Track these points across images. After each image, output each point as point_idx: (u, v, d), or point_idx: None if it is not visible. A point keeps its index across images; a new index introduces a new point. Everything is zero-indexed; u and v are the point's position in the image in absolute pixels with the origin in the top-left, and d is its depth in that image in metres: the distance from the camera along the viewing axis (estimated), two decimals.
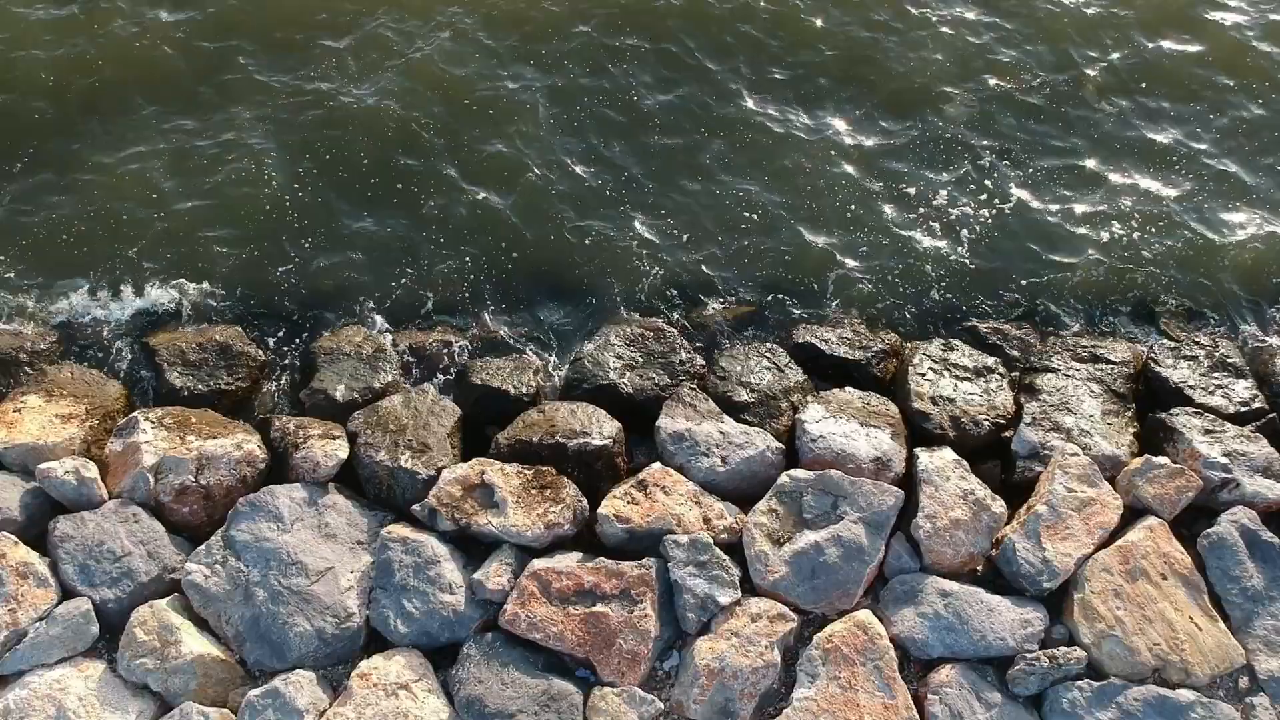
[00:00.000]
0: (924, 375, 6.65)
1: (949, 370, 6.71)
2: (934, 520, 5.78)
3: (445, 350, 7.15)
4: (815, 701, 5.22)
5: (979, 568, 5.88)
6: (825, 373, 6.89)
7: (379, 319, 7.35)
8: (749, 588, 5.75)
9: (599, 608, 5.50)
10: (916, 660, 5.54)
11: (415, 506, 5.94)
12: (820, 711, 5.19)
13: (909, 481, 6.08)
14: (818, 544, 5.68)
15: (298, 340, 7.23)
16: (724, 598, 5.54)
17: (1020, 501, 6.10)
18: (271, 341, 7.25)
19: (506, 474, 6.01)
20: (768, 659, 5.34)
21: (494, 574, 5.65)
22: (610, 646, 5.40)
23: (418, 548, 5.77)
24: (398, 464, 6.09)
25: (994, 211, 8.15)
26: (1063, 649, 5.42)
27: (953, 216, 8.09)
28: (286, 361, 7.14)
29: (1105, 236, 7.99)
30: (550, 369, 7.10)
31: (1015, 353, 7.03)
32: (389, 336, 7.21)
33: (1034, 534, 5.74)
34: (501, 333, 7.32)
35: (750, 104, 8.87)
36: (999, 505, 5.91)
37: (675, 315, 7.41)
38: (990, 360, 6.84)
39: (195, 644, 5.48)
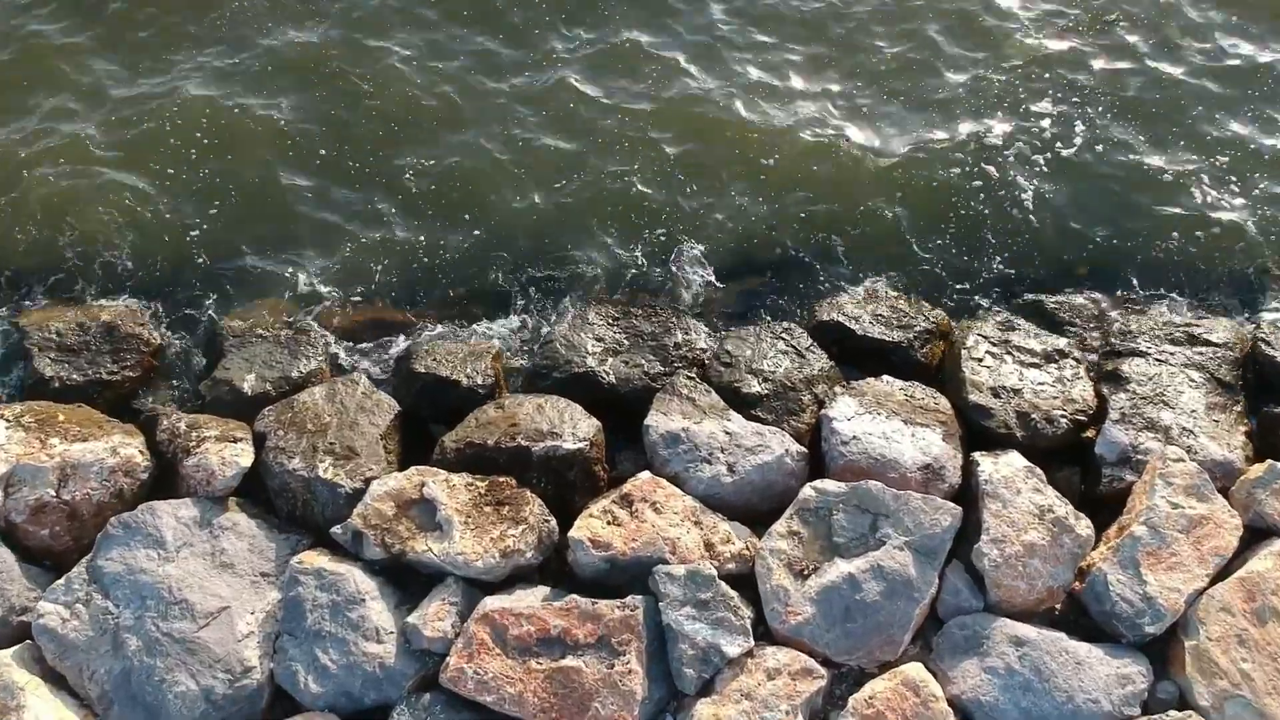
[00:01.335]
0: (981, 361, 5.59)
1: (1012, 354, 5.64)
2: (1002, 545, 4.72)
3: (384, 334, 6.10)
4: None
5: (1057, 606, 4.82)
6: (856, 359, 5.85)
7: (305, 296, 6.28)
8: (764, 633, 4.69)
9: (569, 661, 4.44)
10: None
11: (336, 529, 4.88)
12: None
13: (966, 496, 5.02)
14: (853, 577, 4.62)
15: (205, 321, 6.17)
16: (732, 648, 4.49)
17: (1108, 521, 5.04)
18: (172, 322, 6.19)
19: (453, 487, 4.95)
20: None
21: (434, 616, 4.59)
22: (584, 712, 4.35)
23: (337, 582, 4.71)
24: (315, 474, 5.04)
25: (1062, 163, 7.09)
26: (1173, 714, 4.37)
27: (1012, 169, 7.02)
28: (188, 346, 6.09)
29: (1199, 195, 6.92)
30: (513, 354, 6.03)
31: (1091, 333, 5.96)
32: (315, 317, 6.13)
33: (1131, 563, 4.69)
34: (455, 313, 6.25)
35: (772, 38, 7.80)
36: (1084, 526, 4.86)
37: (670, 288, 6.34)
38: (1062, 342, 5.78)
39: (45, 709, 4.45)
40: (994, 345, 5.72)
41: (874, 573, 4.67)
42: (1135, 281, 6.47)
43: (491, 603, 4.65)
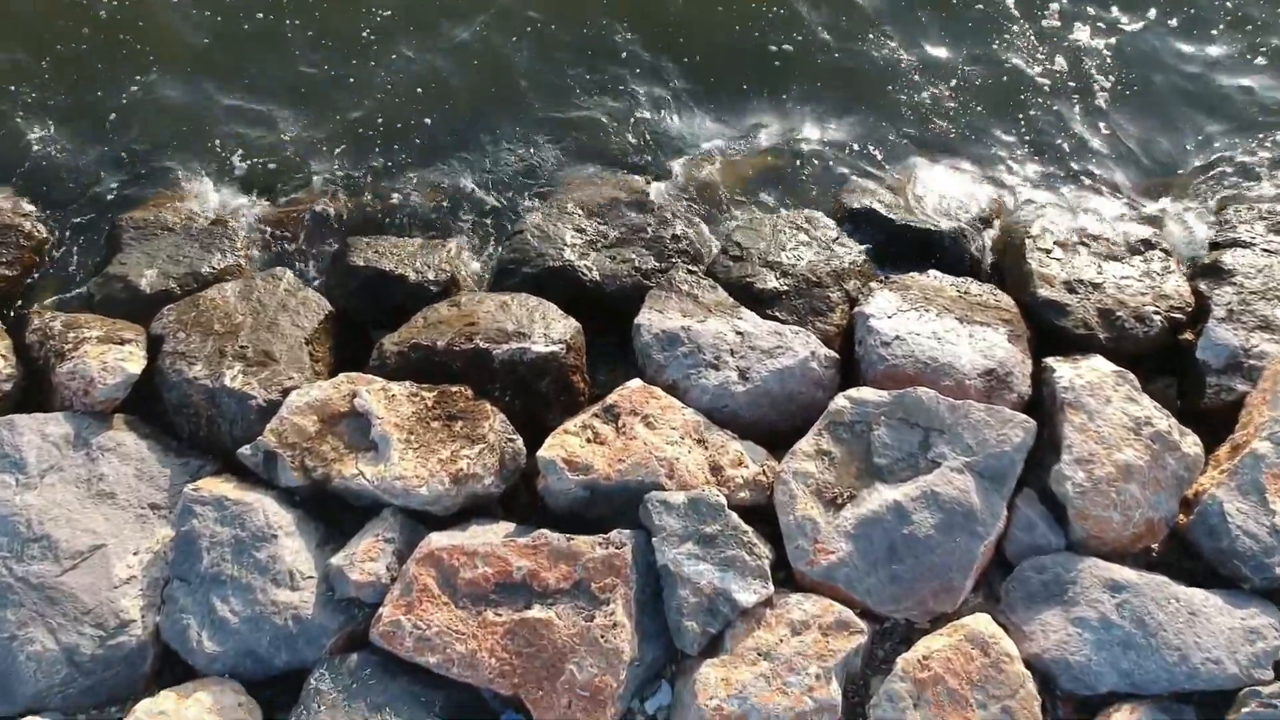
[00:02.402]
0: (1049, 253, 4.64)
1: (1086, 245, 4.70)
2: (1089, 466, 3.79)
3: (319, 226, 5.12)
4: None
5: (1154, 546, 3.90)
6: (894, 252, 4.90)
7: (225, 187, 5.32)
8: (785, 579, 3.77)
9: (537, 612, 3.52)
10: (1069, 697, 3.56)
11: (244, 449, 3.94)
12: None
13: (1037, 411, 4.09)
14: (899, 506, 3.69)
15: (107, 214, 5.20)
16: (746, 594, 3.56)
17: (1216, 440, 4.11)
18: (63, 215, 5.22)
19: (392, 397, 4.00)
20: (820, 697, 3.37)
21: (364, 556, 3.66)
22: (555, 676, 3.43)
23: (242, 514, 3.78)
24: (221, 383, 4.10)
25: (1134, 21, 6.09)
26: None
27: (1075, 31, 6.03)
28: (82, 241, 5.11)
29: None
30: (475, 254, 5.08)
31: (1179, 224, 5.01)
32: (235, 209, 5.17)
33: (1253, 488, 3.77)
34: (407, 202, 5.28)
35: None
36: (1192, 443, 3.93)
37: (666, 169, 5.38)
38: (1146, 231, 4.83)
39: None
40: (1065, 235, 4.77)
41: (926, 501, 3.74)
42: (1225, 160, 5.51)
43: (438, 539, 3.72)
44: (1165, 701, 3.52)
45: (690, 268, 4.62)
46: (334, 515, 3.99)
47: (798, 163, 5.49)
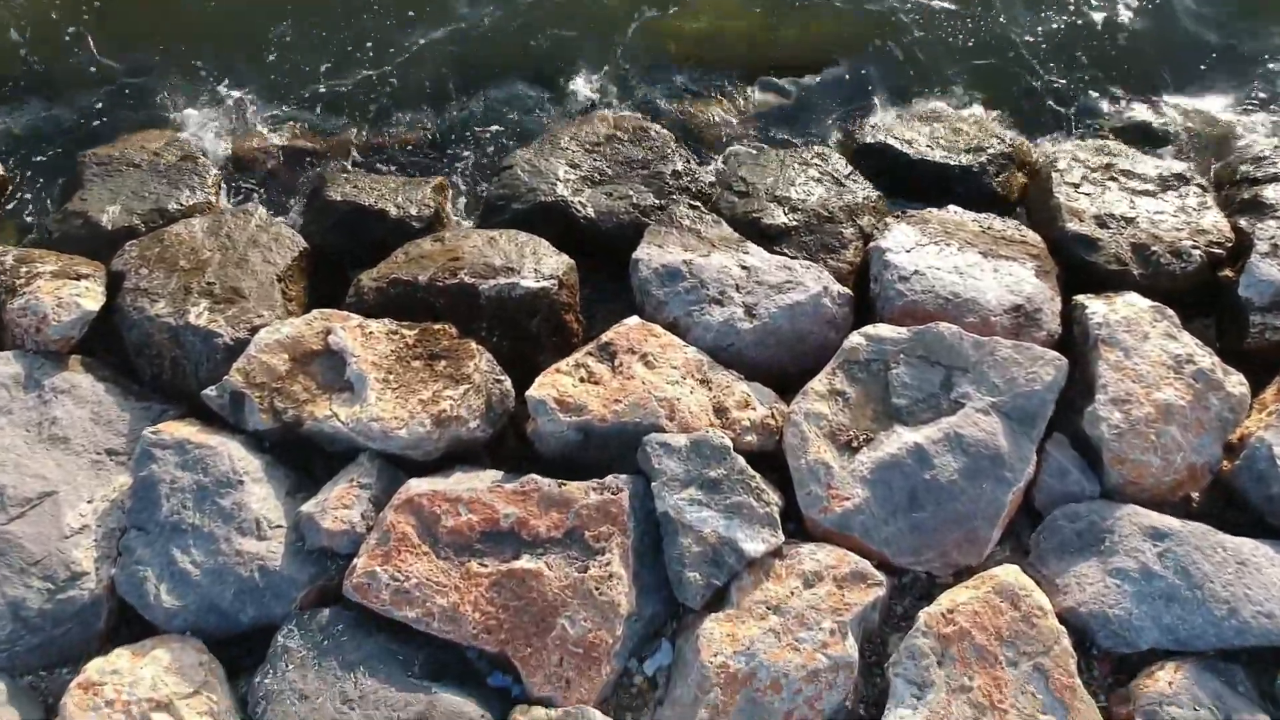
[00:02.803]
0: (1078, 186, 4.33)
1: (1117, 179, 4.39)
2: (1126, 407, 3.49)
3: (296, 165, 4.81)
4: None
5: (1195, 495, 3.60)
6: (910, 189, 4.59)
7: (196, 118, 5.00)
8: (795, 531, 3.47)
9: (526, 562, 3.23)
10: (1107, 654, 3.27)
11: (209, 390, 3.63)
12: None
13: (1069, 350, 3.78)
14: (920, 449, 3.39)
15: (72, 151, 4.89)
16: (754, 544, 3.27)
17: (1262, 381, 3.81)
18: (28, 153, 4.90)
19: (369, 335, 3.70)
20: (835, 653, 3.08)
21: (337, 503, 3.37)
22: (545, 632, 3.14)
23: (205, 458, 3.48)
24: (185, 320, 3.79)
25: None
26: None
27: None
28: (42, 181, 4.80)
29: None
30: (462, 190, 4.77)
31: (1215, 159, 4.70)
32: (207, 144, 4.86)
33: None
34: (390, 141, 4.96)
35: None
36: (1236, 382, 3.64)
37: (668, 107, 5.06)
38: (1180, 166, 4.52)
39: None
40: (1093, 170, 4.46)
41: (949, 444, 3.44)
42: (1263, 97, 5.19)
43: (418, 485, 3.42)
44: (1211, 659, 3.23)
45: (692, 202, 4.31)
46: (306, 462, 3.70)
47: (806, 103, 5.17)
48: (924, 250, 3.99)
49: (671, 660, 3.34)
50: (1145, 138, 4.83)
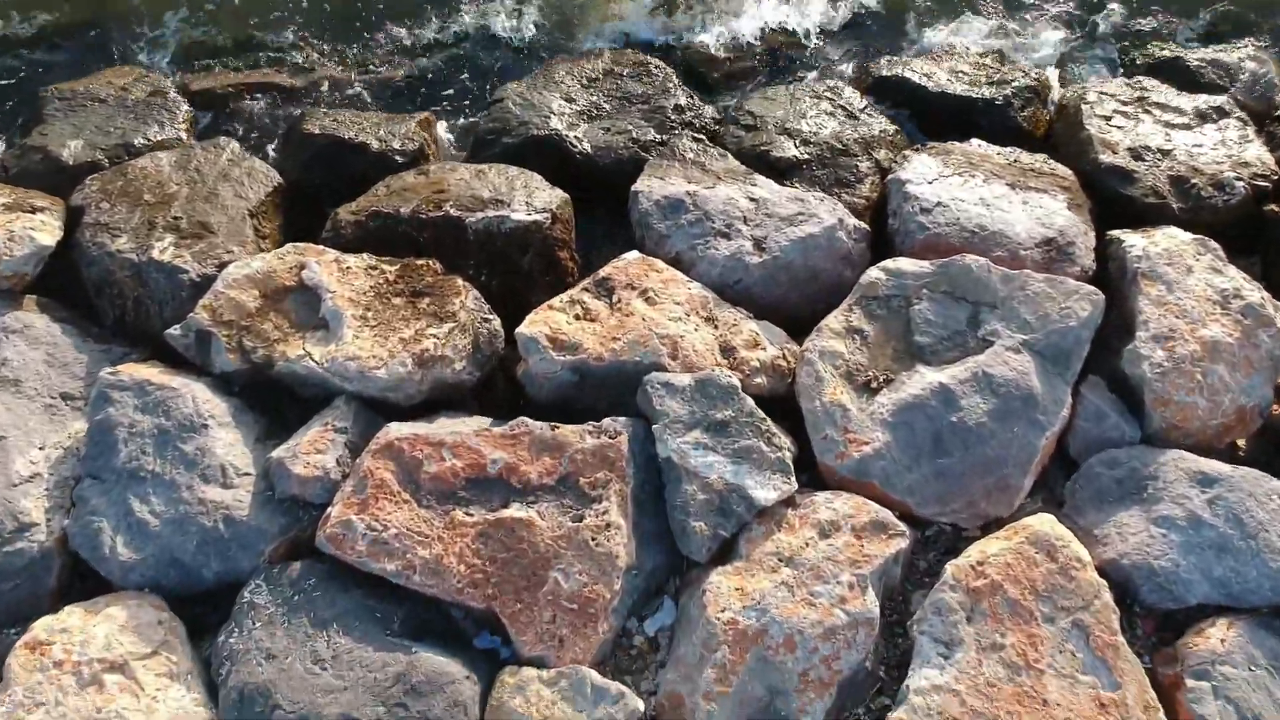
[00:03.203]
0: (1109, 119, 4.03)
1: (1150, 113, 4.09)
2: (1170, 344, 3.20)
3: (273, 101, 4.51)
4: (955, 693, 2.67)
5: (1243, 439, 3.31)
6: (930, 125, 4.28)
7: (167, 55, 4.69)
8: (809, 481, 3.18)
9: (515, 511, 2.94)
10: (1151, 611, 2.98)
11: (173, 329, 3.34)
12: (967, 715, 2.64)
13: (1104, 288, 3.48)
14: (946, 390, 3.10)
15: (34, 90, 4.59)
16: (765, 490, 2.98)
17: None
18: None
19: (346, 270, 3.41)
20: (854, 609, 2.80)
21: (310, 448, 3.08)
22: (536, 586, 2.86)
23: (167, 400, 3.19)
24: (149, 256, 3.49)
25: None
26: None
27: None
28: (5, 118, 4.49)
29: None
30: (451, 128, 4.47)
31: (1254, 99, 4.40)
32: (179, 79, 4.55)
33: None
34: (375, 77, 4.66)
35: None
36: None
37: (670, 43, 4.76)
38: (1219, 99, 4.21)
39: None
40: (1125, 103, 4.16)
41: (977, 384, 3.14)
42: None
43: (399, 429, 3.12)
44: (1266, 616, 2.94)
45: (697, 135, 4.01)
46: (278, 407, 3.41)
47: (818, 37, 4.86)
48: (947, 181, 3.69)
49: (675, 619, 3.06)
50: (1179, 76, 4.49)
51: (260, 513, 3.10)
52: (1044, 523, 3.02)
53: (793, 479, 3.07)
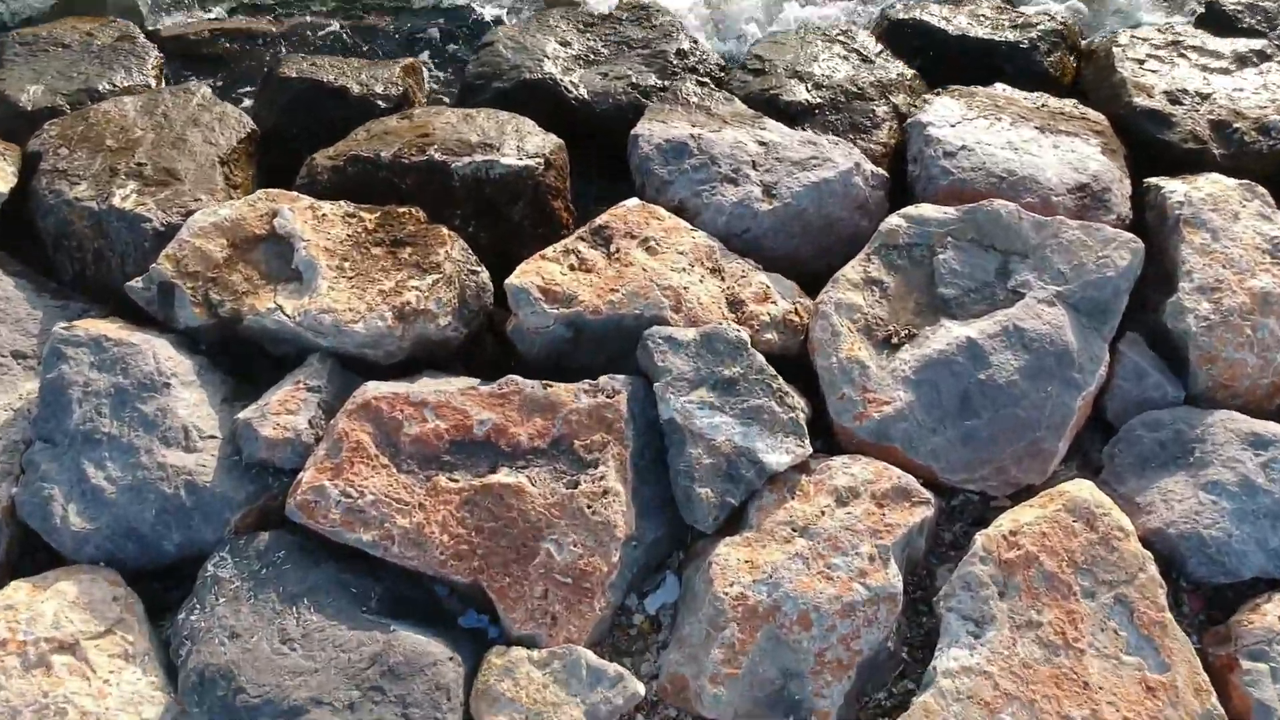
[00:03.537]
0: (1143, 63, 3.75)
1: (1185, 56, 3.82)
2: (1215, 296, 2.93)
3: (250, 48, 4.22)
4: (986, 675, 2.41)
5: None
6: (949, 70, 4.00)
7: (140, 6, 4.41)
8: (823, 447, 2.91)
9: (504, 476, 2.68)
10: (1199, 585, 2.72)
11: (134, 282, 3.06)
12: (1000, 699, 2.38)
13: (1143, 234, 3.20)
14: (974, 345, 2.83)
15: None
16: (777, 454, 2.71)
17: None
18: None
19: (322, 217, 3.13)
20: (876, 583, 2.54)
21: (280, 408, 2.81)
22: (527, 558, 2.59)
23: (125, 357, 2.92)
24: (109, 204, 3.21)
25: None
26: None
27: None
28: None
29: None
30: (438, 76, 4.18)
31: None
32: (149, 24, 4.27)
33: None
34: (358, 24, 4.37)
35: None
36: None
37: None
38: (1258, 43, 3.93)
39: None
40: (1159, 47, 3.88)
41: (1008, 339, 2.87)
42: None
43: (377, 388, 2.85)
44: None
45: (701, 79, 3.73)
46: (248, 366, 3.14)
47: None
48: (972, 124, 3.41)
49: (678, 596, 2.80)
50: (1216, 23, 4.20)
51: (226, 479, 2.84)
52: (1082, 489, 2.76)
53: (807, 442, 2.81)
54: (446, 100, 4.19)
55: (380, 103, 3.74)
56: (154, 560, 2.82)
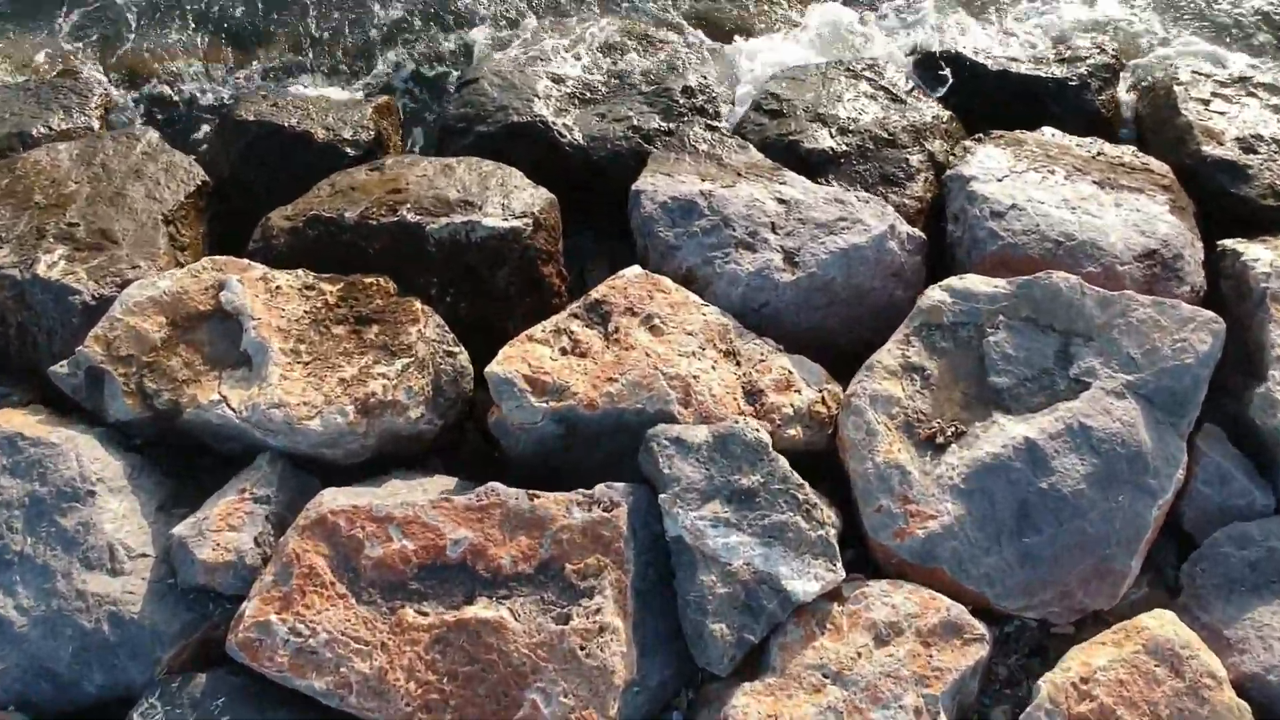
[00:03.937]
0: (1208, 103, 3.34)
1: (1256, 95, 3.40)
2: None
3: (206, 85, 3.81)
4: None
5: None
6: (989, 109, 3.58)
7: (81, 27, 3.99)
8: (857, 557, 2.50)
9: (481, 609, 2.27)
10: None
11: (58, 366, 2.65)
12: None
13: (1218, 308, 2.79)
14: (1032, 447, 2.42)
15: None
16: (804, 581, 2.31)
17: None
18: None
19: (276, 291, 2.72)
20: None
21: (221, 523, 2.39)
22: (510, 710, 2.19)
23: (44, 459, 2.51)
24: (33, 272, 2.80)
25: None
26: None
27: None
28: None
29: None
30: (414, 115, 3.77)
31: None
32: (96, 58, 3.86)
33: None
34: (323, 62, 3.96)
35: None
36: None
37: (677, 21, 4.07)
38: None
39: None
40: (1223, 85, 3.47)
41: (1072, 439, 2.46)
42: None
43: (334, 498, 2.43)
44: None
45: (711, 123, 3.32)
46: (191, 465, 2.72)
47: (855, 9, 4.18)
48: (1021, 178, 3.00)
49: None
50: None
51: (157, 608, 2.43)
52: (1163, 624, 2.34)
53: (839, 565, 2.40)
54: (428, 141, 3.78)
55: (349, 149, 3.33)
56: (72, 703, 2.44)
